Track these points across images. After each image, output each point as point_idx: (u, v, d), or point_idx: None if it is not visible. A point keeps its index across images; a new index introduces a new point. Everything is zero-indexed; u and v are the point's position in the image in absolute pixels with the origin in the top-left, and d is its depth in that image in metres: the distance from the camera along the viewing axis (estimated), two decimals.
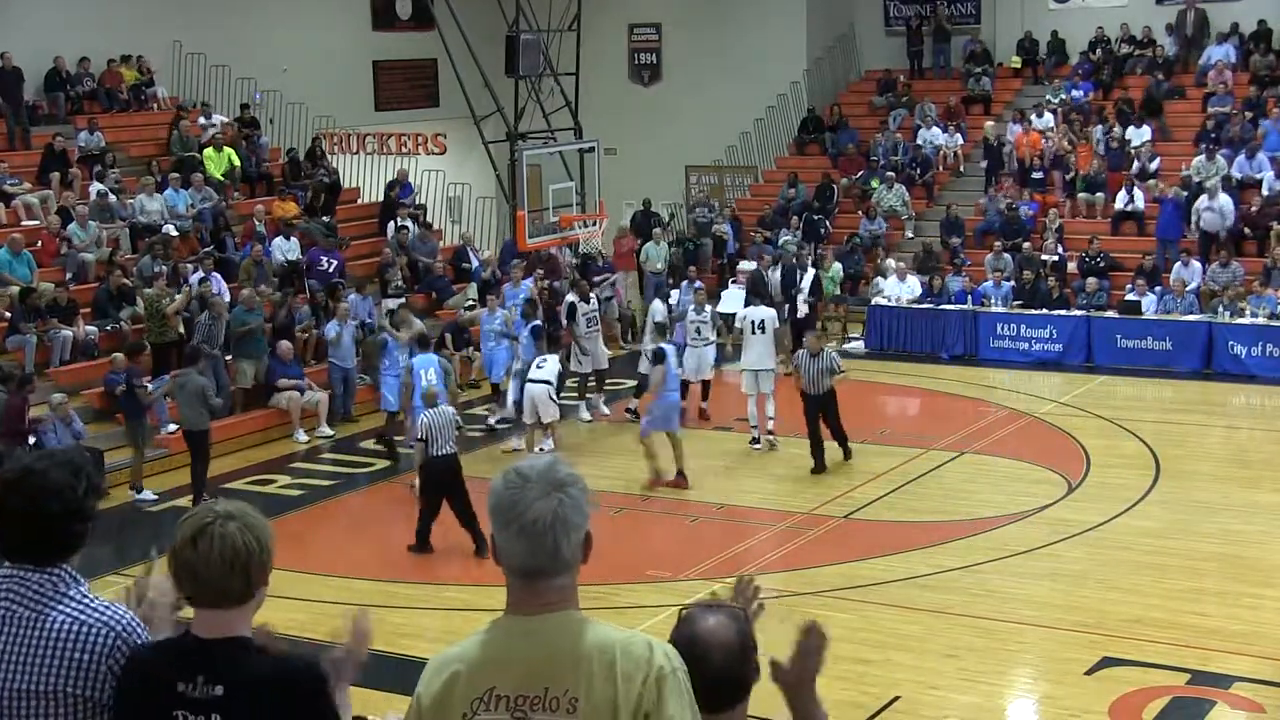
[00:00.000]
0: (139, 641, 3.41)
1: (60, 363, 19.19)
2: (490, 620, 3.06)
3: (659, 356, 17.12)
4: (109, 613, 3.43)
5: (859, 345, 23.89)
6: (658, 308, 20.39)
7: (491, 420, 19.74)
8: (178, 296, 19.98)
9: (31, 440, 16.61)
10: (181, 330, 19.79)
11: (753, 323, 18.33)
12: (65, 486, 3.43)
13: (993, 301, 23.66)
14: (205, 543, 3.22)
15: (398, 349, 18.68)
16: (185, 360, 17.28)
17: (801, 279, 23.39)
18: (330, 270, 22.97)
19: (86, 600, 3.44)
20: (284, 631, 4.06)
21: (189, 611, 3.39)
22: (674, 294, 21.79)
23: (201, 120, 25.32)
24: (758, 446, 18.10)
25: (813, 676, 3.29)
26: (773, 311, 19.24)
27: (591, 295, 21.34)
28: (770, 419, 18.15)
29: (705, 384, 19.90)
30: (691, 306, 19.88)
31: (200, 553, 3.22)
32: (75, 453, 3.76)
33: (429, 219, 27.06)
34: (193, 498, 16.09)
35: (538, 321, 19.39)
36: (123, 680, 3.37)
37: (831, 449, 17.16)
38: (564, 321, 20.65)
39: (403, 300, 22.26)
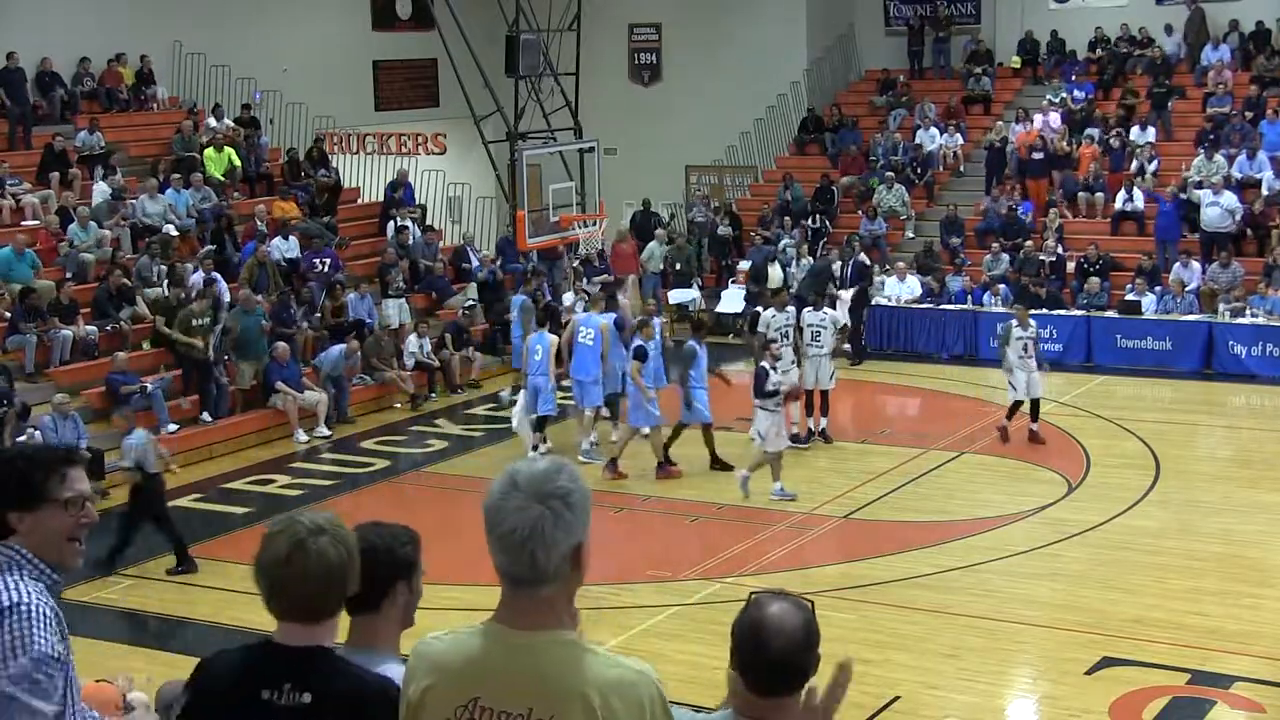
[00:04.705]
0: (45, 609, 3.37)
1: (60, 363, 19.18)
2: (481, 623, 3.04)
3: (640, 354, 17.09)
4: (20, 589, 3.39)
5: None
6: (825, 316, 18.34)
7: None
8: (193, 306, 19.89)
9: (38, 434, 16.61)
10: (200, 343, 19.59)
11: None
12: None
13: (997, 301, 23.60)
14: (300, 560, 3.15)
15: (706, 358, 17.13)
16: None
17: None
18: (325, 270, 22.90)
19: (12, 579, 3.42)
20: None
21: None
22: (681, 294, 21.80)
23: (211, 121, 25.31)
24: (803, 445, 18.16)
25: (834, 709, 3.31)
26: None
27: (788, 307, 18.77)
28: (793, 423, 18.25)
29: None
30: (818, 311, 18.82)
31: (294, 570, 3.15)
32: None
33: (429, 219, 27.04)
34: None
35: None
36: (199, 684, 3.33)
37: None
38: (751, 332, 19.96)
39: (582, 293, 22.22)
